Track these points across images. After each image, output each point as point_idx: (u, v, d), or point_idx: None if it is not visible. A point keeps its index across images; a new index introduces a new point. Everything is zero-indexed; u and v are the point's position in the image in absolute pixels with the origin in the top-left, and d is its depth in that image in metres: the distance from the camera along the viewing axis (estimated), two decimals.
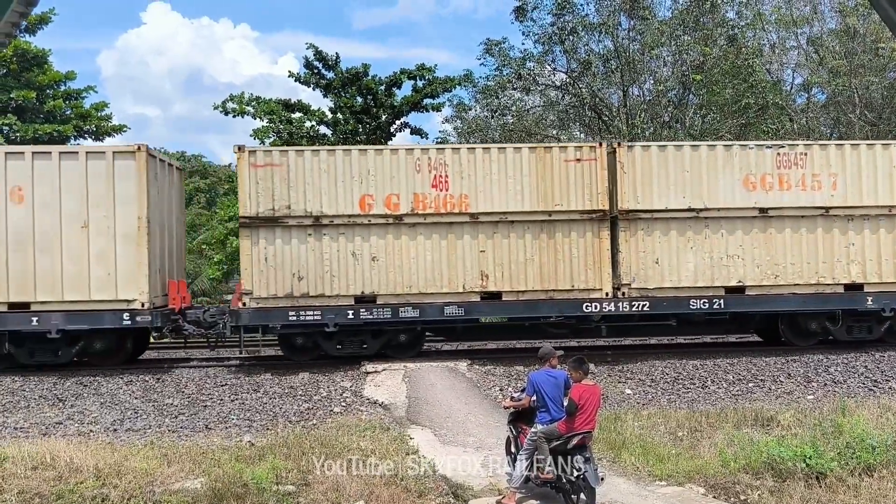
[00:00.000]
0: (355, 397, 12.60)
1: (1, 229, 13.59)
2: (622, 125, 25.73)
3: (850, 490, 8.32)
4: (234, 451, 9.36)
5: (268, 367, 14.42)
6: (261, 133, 24.25)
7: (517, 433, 8.19)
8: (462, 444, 10.08)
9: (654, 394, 12.93)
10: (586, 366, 7.80)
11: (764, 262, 14.51)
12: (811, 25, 28.93)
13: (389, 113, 23.87)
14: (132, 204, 13.73)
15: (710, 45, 25.74)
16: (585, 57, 26.53)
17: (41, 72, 26.46)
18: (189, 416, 11.80)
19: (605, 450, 9.52)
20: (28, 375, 13.62)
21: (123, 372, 13.96)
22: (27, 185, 13.62)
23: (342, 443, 9.56)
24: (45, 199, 13.63)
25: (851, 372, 13.74)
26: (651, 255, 14.36)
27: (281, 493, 8.09)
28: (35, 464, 8.47)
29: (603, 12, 26.42)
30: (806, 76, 29.16)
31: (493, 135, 28.91)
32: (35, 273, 13.58)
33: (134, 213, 13.74)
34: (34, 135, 24.48)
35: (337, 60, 23.90)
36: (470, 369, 14.00)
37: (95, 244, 13.68)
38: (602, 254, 14.28)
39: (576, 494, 7.44)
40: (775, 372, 13.78)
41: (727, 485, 8.48)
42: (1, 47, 6.37)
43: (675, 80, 26.30)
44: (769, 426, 10.43)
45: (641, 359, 14.54)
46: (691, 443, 9.82)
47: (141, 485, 8.17)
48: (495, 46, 27.68)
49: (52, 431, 11.07)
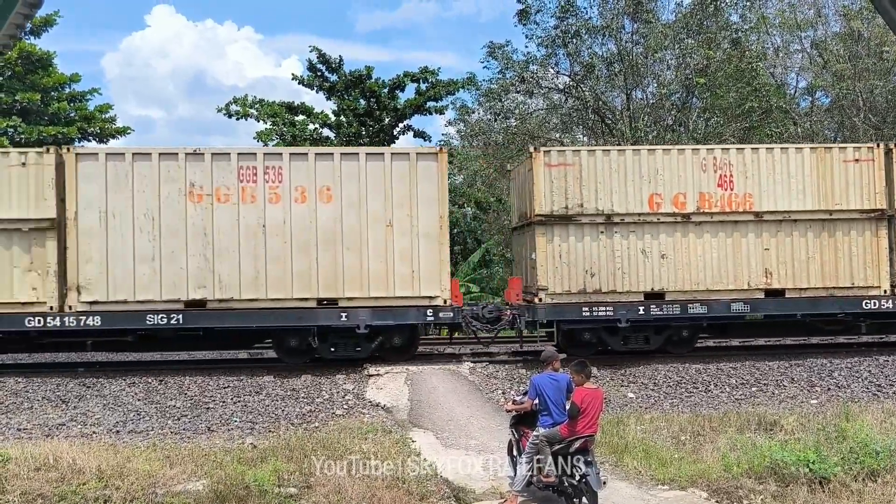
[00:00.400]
0: (357, 400, 12.60)
1: (311, 228, 13.99)
2: (625, 128, 25.72)
3: (854, 495, 8.29)
4: (236, 453, 9.36)
5: (269, 369, 14.43)
6: (264, 136, 24.28)
7: (519, 436, 8.18)
8: (464, 447, 10.07)
9: (656, 397, 12.91)
10: (588, 369, 7.79)
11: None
12: (815, 29, 28.94)
13: (392, 116, 23.88)
14: (433, 203, 14.16)
15: (714, 48, 25.73)
16: (589, 60, 26.52)
17: (46, 74, 26.55)
18: (191, 418, 11.81)
19: (608, 453, 9.50)
20: (31, 376, 13.64)
21: (126, 373, 13.97)
22: (335, 185, 14.04)
23: (344, 445, 9.56)
24: (351, 198, 14.08)
25: (855, 376, 13.70)
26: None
27: (283, 495, 8.09)
28: (38, 465, 8.48)
29: (606, 15, 26.43)
30: (810, 80, 29.16)
31: (495, 138, 28.93)
32: (342, 270, 14.00)
33: (435, 213, 14.17)
34: (38, 137, 24.53)
35: (340, 63, 23.93)
36: (472, 372, 14.00)
37: (399, 242, 14.09)
38: (880, 252, 14.71)
39: (578, 498, 7.42)
40: (778, 376, 13.75)
41: (730, 489, 8.45)
42: (6, 49, 6.39)
43: (678, 83, 26.30)
44: (772, 430, 10.39)
45: (644, 362, 14.52)
46: (694, 447, 9.79)
47: (143, 486, 8.17)
48: (498, 49, 27.69)
49: (55, 433, 11.08)
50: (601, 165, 14.42)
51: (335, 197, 14.02)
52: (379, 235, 14.05)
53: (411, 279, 14.02)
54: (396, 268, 14.01)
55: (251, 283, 13.85)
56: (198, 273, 13.77)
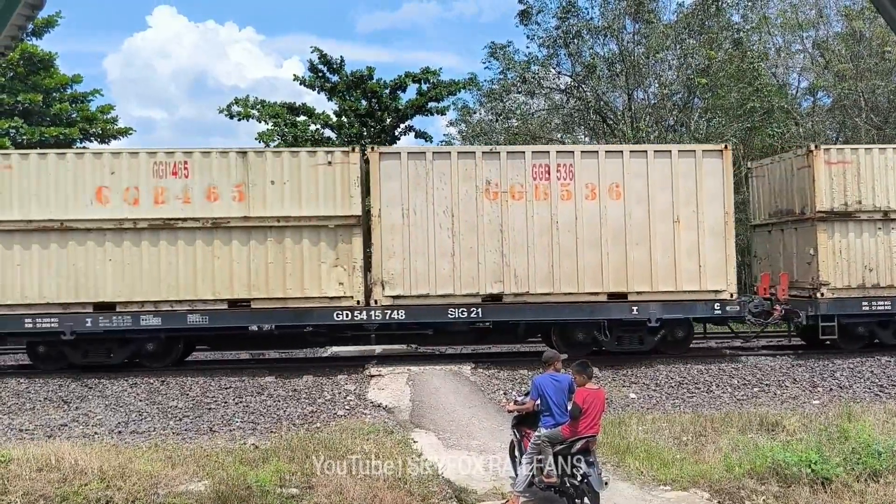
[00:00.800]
0: (359, 400, 12.60)
1: (601, 224, 14.40)
2: (627, 129, 25.71)
3: (856, 496, 8.28)
4: (238, 453, 9.36)
5: (271, 369, 14.43)
6: (265, 136, 24.30)
7: (521, 437, 8.17)
8: (466, 448, 10.06)
9: (658, 398, 12.89)
10: (590, 370, 7.78)
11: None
12: (817, 29, 28.91)
13: (394, 116, 23.89)
14: (717, 199, 14.46)
15: (716, 48, 25.71)
16: (590, 60, 26.50)
17: (47, 75, 26.57)
18: (193, 418, 11.81)
19: (610, 454, 9.49)
20: (33, 377, 13.65)
21: (128, 374, 13.98)
22: (623, 181, 14.42)
23: (346, 446, 9.55)
24: (639, 194, 14.41)
25: (857, 377, 13.69)
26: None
27: (284, 496, 8.08)
28: (40, 465, 8.48)
29: (608, 16, 26.42)
30: (811, 80, 29.12)
31: (497, 138, 28.91)
32: (631, 265, 14.39)
33: (720, 208, 14.46)
34: (40, 138, 24.56)
35: (341, 64, 23.96)
36: (474, 373, 14.00)
37: (685, 237, 14.42)
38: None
39: (579, 499, 7.41)
40: (780, 377, 13.74)
41: (732, 490, 8.44)
42: (7, 51, 6.39)
43: (679, 83, 26.28)
44: (774, 431, 10.37)
45: (646, 363, 14.51)
46: (696, 447, 9.78)
47: (145, 487, 8.18)
48: (500, 50, 27.69)
49: (56, 433, 11.08)
50: (878, 163, 14.85)
51: (623, 193, 14.38)
52: (666, 231, 14.42)
53: (697, 274, 14.38)
54: (682, 263, 14.39)
55: (545, 278, 14.30)
56: (494, 268, 14.27)
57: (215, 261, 13.96)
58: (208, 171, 14.02)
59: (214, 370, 14.33)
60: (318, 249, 14.03)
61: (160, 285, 13.90)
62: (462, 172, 14.26)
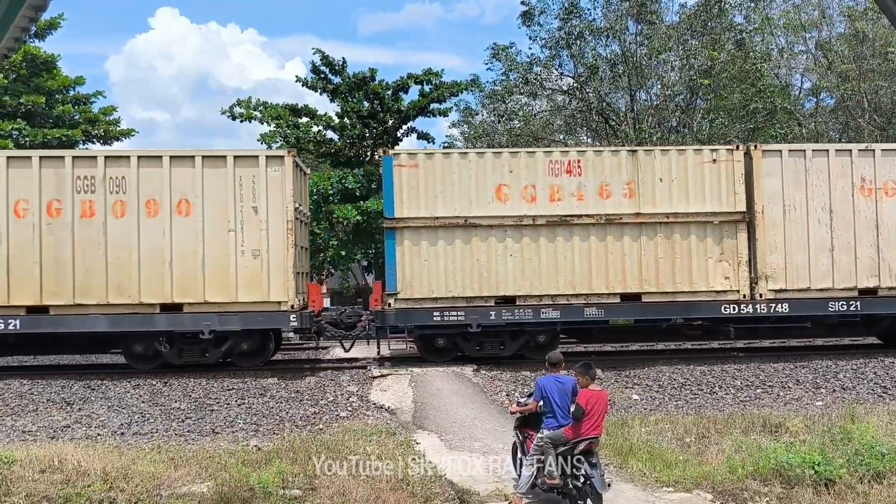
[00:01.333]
0: (361, 402, 12.59)
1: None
2: (629, 130, 25.70)
3: (859, 497, 8.27)
4: (240, 455, 9.36)
5: (273, 371, 14.43)
6: (268, 138, 24.31)
7: (524, 438, 8.16)
8: (468, 449, 10.06)
9: (661, 399, 12.88)
10: (593, 371, 7.78)
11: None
12: (820, 30, 28.88)
13: (396, 118, 23.88)
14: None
15: (718, 49, 25.70)
16: (592, 62, 26.50)
17: (50, 77, 26.62)
18: (196, 420, 11.81)
19: (612, 455, 9.48)
20: (36, 379, 13.66)
21: (131, 376, 13.99)
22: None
23: (348, 447, 9.55)
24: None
25: (861, 378, 13.66)
26: None
27: (287, 497, 8.09)
28: (43, 467, 8.49)
29: (610, 17, 26.42)
30: (814, 80, 29.09)
31: (499, 139, 28.91)
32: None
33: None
34: (43, 139, 24.60)
35: (344, 65, 23.94)
36: (476, 374, 13.99)
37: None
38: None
39: (582, 500, 7.41)
40: (783, 378, 13.72)
41: (735, 491, 8.43)
42: (11, 52, 6.40)
43: (682, 84, 26.27)
44: (777, 432, 10.36)
45: (648, 364, 14.50)
46: (699, 449, 9.77)
47: (148, 488, 8.18)
48: (502, 51, 27.70)
49: (59, 435, 11.09)
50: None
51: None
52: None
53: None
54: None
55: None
56: (869, 263, 14.78)
57: (608, 256, 14.50)
58: (600, 169, 14.59)
59: (217, 372, 14.33)
60: (704, 245, 14.62)
61: (557, 280, 14.45)
62: (838, 170, 14.82)
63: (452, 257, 14.35)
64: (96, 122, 27.39)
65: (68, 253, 13.66)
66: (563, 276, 14.44)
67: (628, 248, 14.51)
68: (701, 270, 14.55)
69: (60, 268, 13.65)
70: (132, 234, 13.78)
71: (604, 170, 14.55)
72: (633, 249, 14.51)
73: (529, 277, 14.43)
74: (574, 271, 14.45)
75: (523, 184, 14.49)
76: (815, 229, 14.72)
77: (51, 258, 13.64)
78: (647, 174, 14.56)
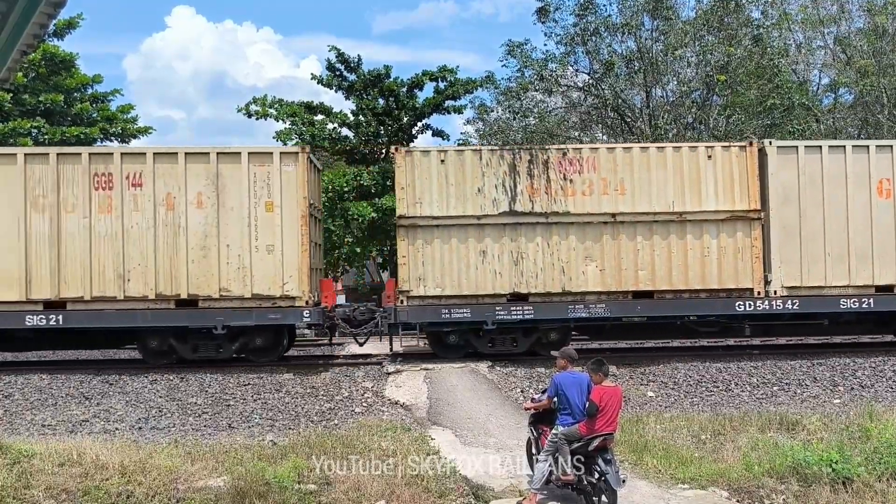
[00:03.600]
0: (376, 398, 12.63)
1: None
2: (645, 126, 25.55)
3: (878, 496, 8.20)
4: (256, 449, 9.43)
5: (289, 367, 14.50)
6: (283, 135, 24.39)
7: (538, 435, 8.17)
8: (483, 445, 10.08)
9: (676, 396, 12.83)
10: (606, 367, 7.77)
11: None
12: (838, 25, 28.54)
13: (411, 115, 23.90)
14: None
15: (735, 45, 25.47)
16: (608, 58, 26.34)
17: (69, 75, 26.84)
18: (212, 415, 11.90)
19: (627, 452, 9.46)
20: (55, 374, 13.81)
21: (148, 371, 14.11)
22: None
23: (364, 443, 9.59)
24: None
25: (879, 376, 13.53)
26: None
27: (303, 491, 8.14)
28: (62, 461, 8.59)
29: (626, 13, 26.23)
30: (833, 76, 28.79)
31: (514, 136, 28.83)
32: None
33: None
34: (62, 137, 24.82)
35: (359, 63, 23.98)
36: (491, 371, 13.99)
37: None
38: None
39: (597, 496, 7.40)
40: (801, 375, 13.62)
41: (751, 489, 8.39)
42: (30, 49, 6.47)
43: (698, 80, 26.06)
44: (794, 430, 10.30)
45: (664, 361, 14.43)
46: (714, 446, 9.73)
47: (165, 482, 8.26)
48: (517, 48, 27.58)
49: (78, 429, 11.22)
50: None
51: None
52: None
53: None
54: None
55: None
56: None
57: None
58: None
59: (233, 367, 14.43)
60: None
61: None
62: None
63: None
64: (114, 120, 27.59)
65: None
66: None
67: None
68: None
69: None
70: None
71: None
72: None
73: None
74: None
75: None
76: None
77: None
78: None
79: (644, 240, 14.42)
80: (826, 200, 14.60)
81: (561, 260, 14.40)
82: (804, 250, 14.56)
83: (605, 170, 14.49)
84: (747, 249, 14.49)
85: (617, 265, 14.40)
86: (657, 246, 14.42)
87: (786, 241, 14.55)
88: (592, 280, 14.39)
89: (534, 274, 14.37)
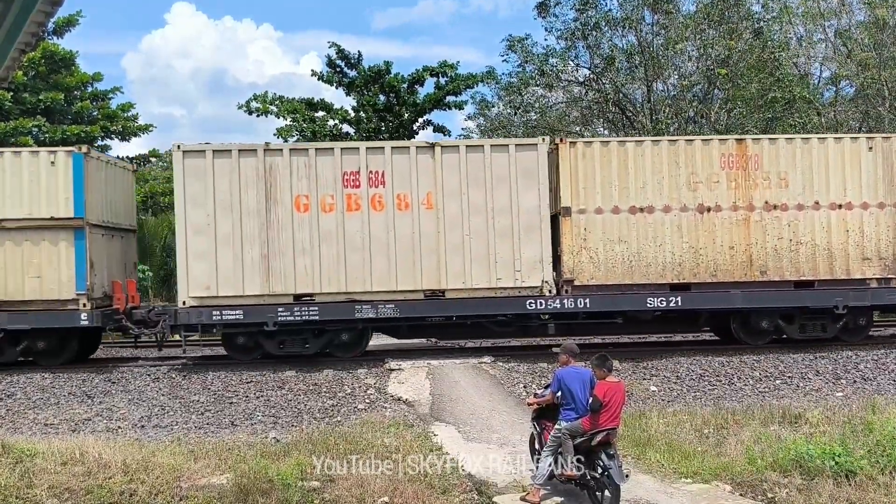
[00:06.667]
0: (379, 394, 12.63)
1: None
2: (646, 121, 25.52)
3: (881, 488, 8.18)
4: (259, 447, 9.43)
5: (292, 364, 14.50)
6: (284, 132, 24.39)
7: (541, 430, 8.16)
8: (486, 441, 10.07)
9: (679, 391, 12.82)
10: (609, 363, 7.75)
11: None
12: (839, 18, 28.44)
13: (412, 111, 23.86)
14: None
15: (736, 39, 25.41)
16: (609, 52, 26.32)
17: (69, 73, 26.79)
18: (215, 412, 11.91)
19: (630, 447, 9.45)
20: (57, 372, 13.82)
21: (150, 369, 14.11)
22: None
23: (366, 439, 9.60)
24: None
25: (882, 369, 13.51)
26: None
27: (306, 488, 8.14)
28: (64, 459, 8.59)
29: (626, 7, 26.18)
30: (834, 69, 28.69)
31: (515, 132, 28.79)
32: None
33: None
34: (62, 136, 24.79)
35: (359, 59, 23.95)
36: (493, 366, 13.98)
37: None
38: None
39: (600, 491, 7.39)
40: (803, 369, 13.60)
41: (754, 482, 8.38)
42: (28, 48, 6.45)
43: (699, 74, 26.02)
44: (797, 424, 10.29)
45: (667, 356, 14.42)
46: (717, 440, 9.72)
47: (168, 480, 8.26)
48: (518, 43, 27.54)
49: (81, 428, 11.23)
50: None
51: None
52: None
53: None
54: None
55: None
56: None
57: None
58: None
59: (235, 364, 14.43)
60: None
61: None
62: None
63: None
64: (114, 118, 27.56)
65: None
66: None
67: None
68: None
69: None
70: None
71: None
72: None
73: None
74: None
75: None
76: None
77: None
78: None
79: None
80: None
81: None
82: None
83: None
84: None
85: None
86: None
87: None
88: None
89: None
